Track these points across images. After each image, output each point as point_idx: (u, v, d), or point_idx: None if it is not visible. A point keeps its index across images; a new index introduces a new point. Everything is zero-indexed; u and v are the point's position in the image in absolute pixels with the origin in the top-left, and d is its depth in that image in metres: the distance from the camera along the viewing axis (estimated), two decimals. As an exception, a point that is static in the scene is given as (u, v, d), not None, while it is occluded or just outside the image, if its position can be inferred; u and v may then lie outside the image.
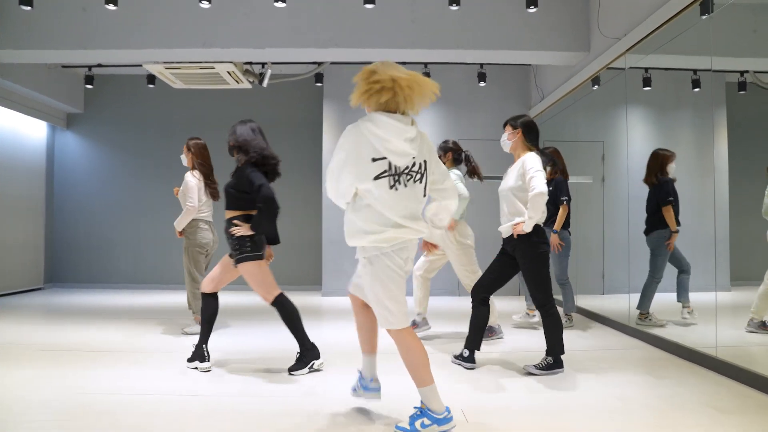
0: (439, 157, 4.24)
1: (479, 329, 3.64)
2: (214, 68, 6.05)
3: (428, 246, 4.24)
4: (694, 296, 4.59)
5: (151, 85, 7.39)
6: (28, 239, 7.65)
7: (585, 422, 2.65)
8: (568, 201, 5.05)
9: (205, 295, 3.58)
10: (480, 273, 4.18)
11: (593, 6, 5.49)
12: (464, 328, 3.91)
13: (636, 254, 6.01)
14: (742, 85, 4.12)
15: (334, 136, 7.52)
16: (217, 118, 7.92)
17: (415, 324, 4.55)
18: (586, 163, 6.91)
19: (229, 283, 3.66)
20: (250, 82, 6.62)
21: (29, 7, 4.95)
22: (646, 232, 4.79)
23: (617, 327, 5.11)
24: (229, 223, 3.48)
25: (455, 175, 4.44)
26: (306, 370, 3.45)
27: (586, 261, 6.87)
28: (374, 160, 2.28)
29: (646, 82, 5.05)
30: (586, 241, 6.82)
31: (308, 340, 3.52)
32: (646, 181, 4.77)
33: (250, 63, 6.53)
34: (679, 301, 4.53)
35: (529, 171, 3.38)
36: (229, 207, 3.53)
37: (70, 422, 2.58)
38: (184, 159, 4.74)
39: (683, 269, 4.54)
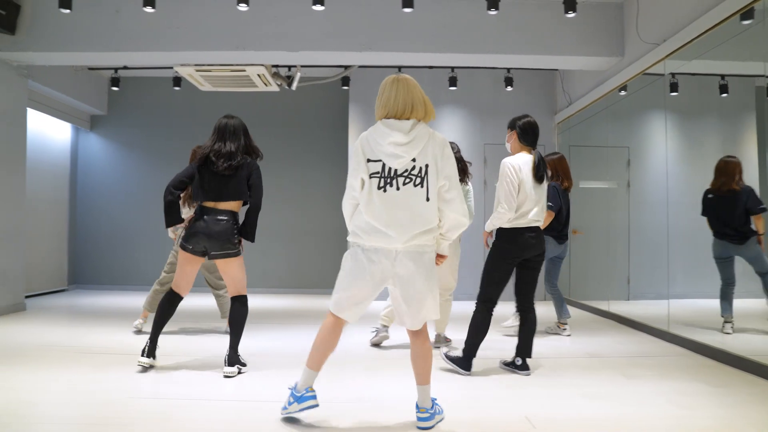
0: None
1: (527, 337, 3.64)
2: (245, 71, 6.06)
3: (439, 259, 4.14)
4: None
5: (177, 87, 7.40)
6: (53, 241, 7.65)
7: None
8: (553, 208, 4.94)
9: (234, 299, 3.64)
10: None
11: (628, 12, 5.48)
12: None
13: (663, 259, 6.00)
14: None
15: (359, 140, 7.53)
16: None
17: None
18: (611, 168, 6.90)
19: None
20: (278, 85, 6.62)
21: (68, 10, 4.96)
22: (739, 242, 4.42)
23: (653, 333, 5.07)
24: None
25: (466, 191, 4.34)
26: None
27: (611, 266, 6.85)
28: (369, 160, 2.47)
29: (683, 86, 5.03)
30: (611, 247, 6.80)
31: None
32: (722, 189, 4.46)
33: (278, 66, 6.54)
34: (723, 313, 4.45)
35: (499, 177, 3.56)
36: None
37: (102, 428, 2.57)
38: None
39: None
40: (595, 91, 6.34)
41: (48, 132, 7.57)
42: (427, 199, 2.44)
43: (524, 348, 3.63)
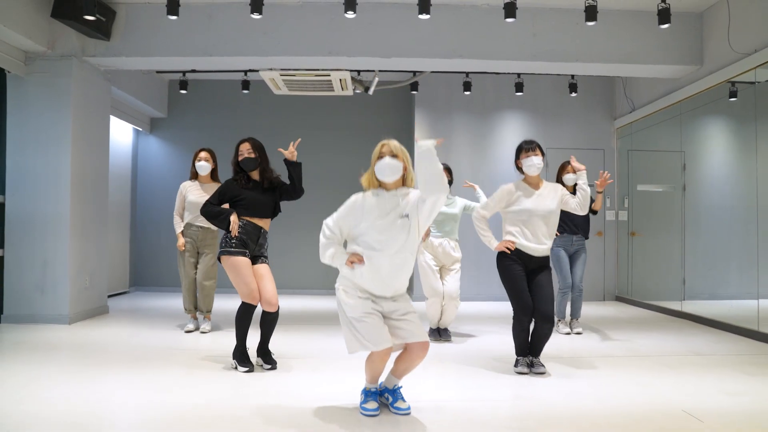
0: None
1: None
2: (329, 75, 6.17)
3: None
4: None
5: (245, 91, 7.48)
6: (117, 243, 7.69)
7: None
8: None
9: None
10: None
11: (709, 21, 5.67)
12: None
13: (718, 261, 6.21)
14: None
15: (424, 144, 7.66)
16: (305, 123, 8.10)
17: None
18: (666, 172, 7.12)
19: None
20: (353, 89, 6.75)
21: (175, 17, 5.04)
22: None
23: (738, 332, 5.24)
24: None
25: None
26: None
27: (665, 268, 7.06)
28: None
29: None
30: (666, 249, 7.01)
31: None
32: None
33: (359, 71, 6.66)
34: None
35: (566, 194, 3.78)
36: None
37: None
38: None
39: None
40: (664, 99, 6.54)
41: (113, 134, 7.60)
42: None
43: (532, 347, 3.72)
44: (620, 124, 7.63)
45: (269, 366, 3.70)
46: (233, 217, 3.71)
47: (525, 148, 3.73)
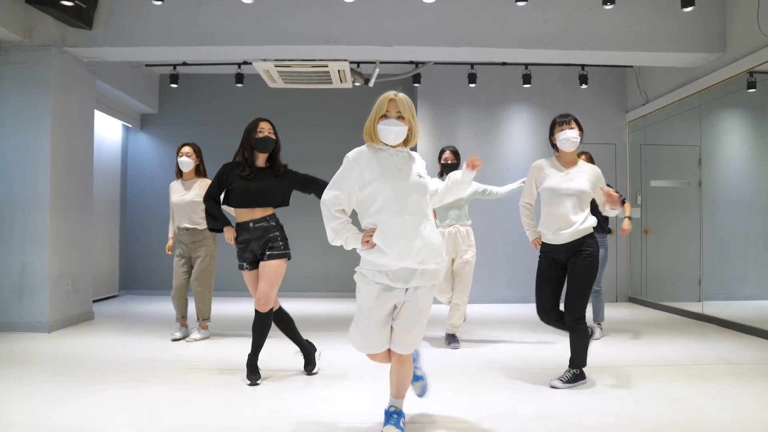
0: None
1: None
2: (326, 66, 5.81)
3: None
4: None
5: (239, 84, 7.12)
6: (105, 245, 7.33)
7: None
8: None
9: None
10: None
11: (735, 3, 5.31)
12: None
13: (736, 260, 5.89)
14: None
15: (428, 136, 7.30)
16: (303, 118, 7.76)
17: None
18: (681, 167, 6.78)
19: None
20: (353, 81, 6.39)
21: (160, 2, 4.68)
22: None
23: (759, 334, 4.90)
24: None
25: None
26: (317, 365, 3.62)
27: (681, 268, 6.73)
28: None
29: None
30: (681, 248, 6.68)
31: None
32: None
33: (358, 63, 6.31)
34: None
35: (603, 180, 3.44)
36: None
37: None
38: None
39: None
40: (681, 90, 6.19)
41: (100, 130, 7.24)
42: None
43: (572, 358, 3.39)
44: (632, 117, 7.27)
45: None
46: (227, 233, 3.48)
47: (559, 121, 3.40)
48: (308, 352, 3.62)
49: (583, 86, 6.97)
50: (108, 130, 7.39)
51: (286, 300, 7.08)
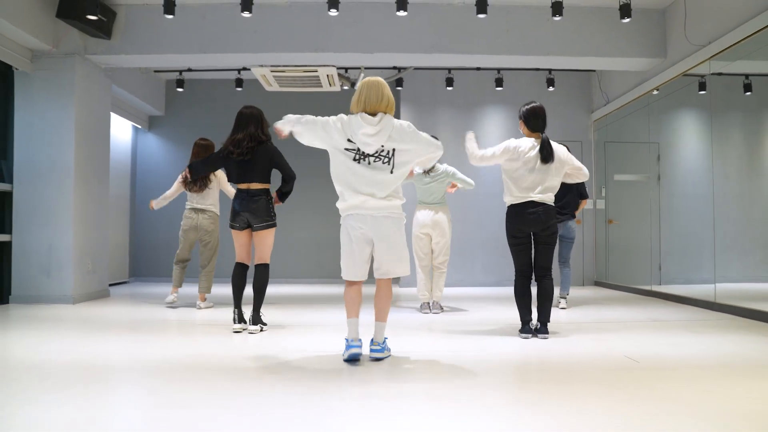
0: None
1: (541, 302, 3.94)
2: (316, 72, 6.55)
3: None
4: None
5: (239, 89, 7.86)
6: (117, 235, 8.04)
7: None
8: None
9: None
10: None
11: (671, 17, 6.07)
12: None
13: (694, 246, 6.57)
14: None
15: (409, 137, 8.03)
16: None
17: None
18: (642, 163, 7.49)
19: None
20: (340, 85, 7.12)
21: (171, 15, 5.43)
22: None
23: (698, 304, 5.60)
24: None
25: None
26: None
27: (641, 254, 7.42)
28: (348, 141, 3.06)
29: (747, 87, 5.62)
30: (642, 236, 7.37)
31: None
32: None
33: (346, 68, 7.05)
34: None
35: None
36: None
37: None
38: None
39: None
40: (634, 91, 6.93)
41: (113, 131, 7.97)
42: (391, 172, 3.07)
43: (540, 312, 3.87)
44: (596, 116, 8.01)
45: (240, 327, 3.99)
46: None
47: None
48: (242, 312, 4.10)
49: (551, 89, 7.71)
50: (120, 131, 8.13)
51: (283, 285, 7.80)
